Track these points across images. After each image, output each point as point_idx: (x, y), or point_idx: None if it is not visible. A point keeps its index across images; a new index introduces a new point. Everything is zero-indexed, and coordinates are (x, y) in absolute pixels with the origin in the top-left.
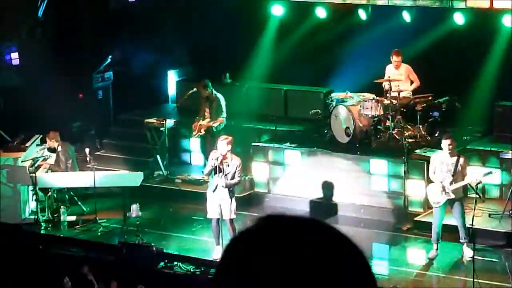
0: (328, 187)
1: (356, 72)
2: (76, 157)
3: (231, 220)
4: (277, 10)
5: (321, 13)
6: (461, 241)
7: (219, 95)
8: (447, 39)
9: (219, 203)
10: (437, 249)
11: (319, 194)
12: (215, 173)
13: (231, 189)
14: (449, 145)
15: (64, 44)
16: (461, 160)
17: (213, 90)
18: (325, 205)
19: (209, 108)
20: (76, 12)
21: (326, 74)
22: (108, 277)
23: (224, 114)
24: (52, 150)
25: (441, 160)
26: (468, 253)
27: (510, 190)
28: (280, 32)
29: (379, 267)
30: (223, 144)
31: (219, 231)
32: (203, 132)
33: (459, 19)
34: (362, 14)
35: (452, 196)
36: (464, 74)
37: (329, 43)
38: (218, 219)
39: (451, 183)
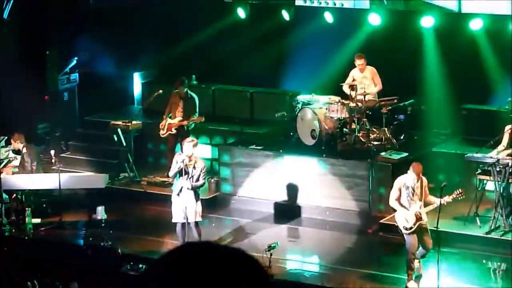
0: (293, 189)
1: (322, 75)
2: (41, 159)
3: (196, 223)
4: (242, 13)
5: (285, 15)
6: (417, 257)
7: (194, 95)
8: (413, 42)
9: (185, 206)
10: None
11: (284, 196)
12: (180, 175)
13: (196, 191)
14: (417, 174)
15: (29, 46)
16: (425, 181)
17: (187, 89)
18: (290, 207)
19: (183, 107)
20: (42, 13)
21: (292, 76)
22: (73, 279)
23: (197, 114)
24: (17, 152)
25: (407, 184)
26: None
27: (475, 192)
28: (246, 34)
29: (345, 269)
30: (189, 146)
31: (184, 235)
32: (174, 131)
33: (426, 22)
34: (328, 17)
35: (426, 220)
36: (429, 77)
37: (295, 46)
38: (183, 223)
39: (420, 207)
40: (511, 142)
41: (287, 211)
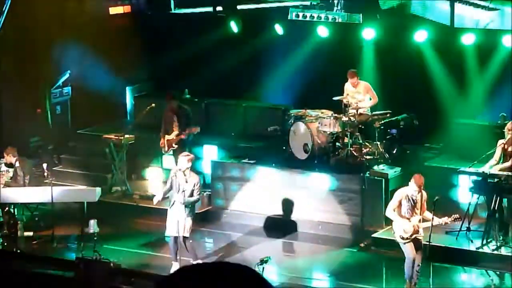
0: (286, 203)
1: (315, 89)
2: (34, 172)
3: (184, 238)
4: (234, 27)
5: (278, 30)
6: (413, 282)
7: (186, 107)
8: (407, 56)
9: (177, 220)
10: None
11: (277, 210)
12: (175, 190)
13: (189, 206)
14: (419, 186)
15: (22, 59)
16: (425, 195)
17: (179, 102)
18: (283, 221)
19: (178, 121)
20: (35, 26)
21: (285, 90)
22: None
23: (191, 124)
24: (9, 165)
25: (408, 196)
26: None
27: (467, 207)
28: (239, 48)
29: (337, 283)
30: (183, 160)
31: (177, 249)
32: (175, 146)
33: (420, 36)
34: (322, 31)
35: (422, 234)
36: (422, 91)
37: (288, 60)
38: (176, 237)
39: (419, 221)
40: (503, 157)
41: (279, 225)
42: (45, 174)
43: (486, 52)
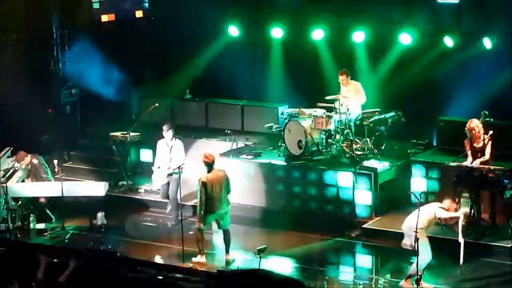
0: (282, 195)
1: (309, 89)
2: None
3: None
4: (234, 31)
5: (276, 33)
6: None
7: (179, 140)
8: (394, 58)
9: None
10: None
11: (273, 202)
12: None
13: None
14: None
15: (35, 62)
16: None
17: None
18: (278, 213)
19: (172, 154)
20: (46, 31)
21: (281, 90)
22: (74, 280)
23: (183, 158)
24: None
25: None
26: None
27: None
28: (238, 51)
29: (330, 271)
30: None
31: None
32: (165, 180)
33: (405, 39)
34: (319, 34)
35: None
36: (409, 91)
37: (286, 62)
38: None
39: None
40: (474, 153)
41: (274, 216)
42: (56, 169)
43: (468, 53)
